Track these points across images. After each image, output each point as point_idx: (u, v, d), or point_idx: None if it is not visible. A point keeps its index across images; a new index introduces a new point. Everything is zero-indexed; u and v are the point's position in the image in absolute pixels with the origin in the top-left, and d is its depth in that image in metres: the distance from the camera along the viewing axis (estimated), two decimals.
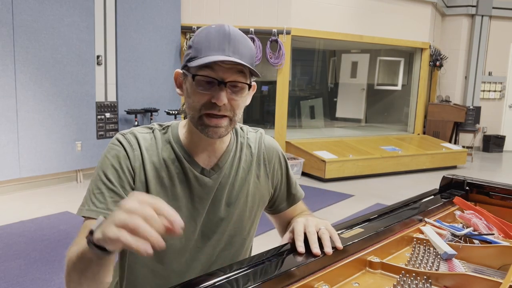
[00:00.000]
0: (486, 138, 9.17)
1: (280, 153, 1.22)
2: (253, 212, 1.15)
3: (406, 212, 1.31)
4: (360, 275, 1.02)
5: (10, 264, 3.02)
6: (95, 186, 1.00)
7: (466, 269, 1.04)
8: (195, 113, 0.98)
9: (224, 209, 1.10)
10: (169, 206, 0.70)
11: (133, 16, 5.69)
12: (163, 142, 1.06)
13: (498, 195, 1.51)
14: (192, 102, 0.98)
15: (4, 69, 4.54)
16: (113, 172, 1.00)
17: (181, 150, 1.06)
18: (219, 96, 0.94)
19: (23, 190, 4.87)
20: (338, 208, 4.76)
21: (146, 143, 1.05)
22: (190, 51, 0.99)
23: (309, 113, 9.32)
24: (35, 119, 4.84)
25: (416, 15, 7.84)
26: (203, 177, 1.06)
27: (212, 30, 0.98)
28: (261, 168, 1.17)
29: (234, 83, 0.96)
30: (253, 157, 1.16)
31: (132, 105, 5.77)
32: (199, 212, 1.07)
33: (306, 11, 6.64)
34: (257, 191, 1.16)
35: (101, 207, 0.97)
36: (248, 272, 0.85)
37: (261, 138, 1.19)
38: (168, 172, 1.04)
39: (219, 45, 0.95)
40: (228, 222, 1.10)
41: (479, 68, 9.04)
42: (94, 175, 1.02)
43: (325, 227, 0.99)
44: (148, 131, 1.08)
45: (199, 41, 0.97)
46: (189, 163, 1.05)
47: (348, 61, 9.73)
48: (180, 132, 1.08)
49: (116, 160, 1.01)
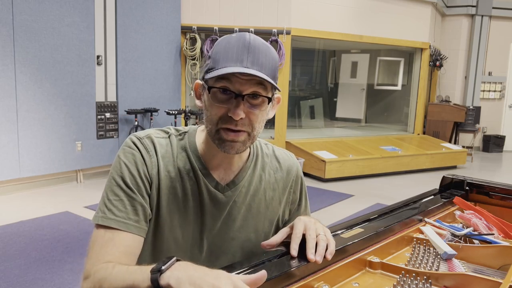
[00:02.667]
0: (486, 138, 9.18)
1: (304, 188, 1.18)
2: (267, 238, 1.07)
3: (406, 212, 1.31)
4: (360, 275, 1.02)
5: (10, 264, 3.02)
6: (111, 192, 0.94)
7: (466, 269, 1.04)
8: (212, 127, 0.93)
9: (237, 230, 1.04)
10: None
11: (133, 16, 5.68)
12: (179, 150, 1.01)
13: (498, 195, 1.51)
14: (209, 115, 0.93)
15: (4, 69, 4.54)
16: (131, 177, 0.95)
17: (197, 161, 1.00)
18: (236, 110, 0.89)
19: (23, 190, 4.87)
20: (338, 208, 4.76)
21: (162, 150, 0.99)
22: (209, 62, 0.93)
23: (309, 113, 9.33)
24: (35, 119, 4.84)
25: (416, 15, 7.84)
26: (216, 192, 1.01)
27: (232, 39, 0.93)
28: (285, 194, 1.12)
29: (252, 96, 0.91)
30: (278, 182, 1.10)
31: (132, 105, 5.76)
32: (208, 229, 1.02)
33: (306, 11, 6.64)
34: (275, 216, 1.10)
35: (121, 216, 0.92)
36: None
37: (294, 164, 1.14)
38: (182, 183, 0.99)
39: (238, 55, 0.90)
40: (238, 243, 1.05)
41: (479, 68, 9.04)
42: (109, 179, 0.96)
43: (324, 233, 0.94)
44: (164, 136, 1.02)
45: (218, 51, 0.92)
46: (204, 176, 1.00)
47: (348, 61, 9.73)
48: (197, 141, 1.03)
49: (133, 165, 0.95)
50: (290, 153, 1.18)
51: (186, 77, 6.43)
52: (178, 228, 1.00)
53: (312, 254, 0.89)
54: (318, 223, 0.99)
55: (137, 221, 0.93)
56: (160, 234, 0.99)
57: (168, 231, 0.99)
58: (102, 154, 5.50)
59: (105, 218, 0.91)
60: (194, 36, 6.33)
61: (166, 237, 0.99)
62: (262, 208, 1.07)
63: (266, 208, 1.08)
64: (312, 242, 0.91)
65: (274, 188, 1.09)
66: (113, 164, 0.98)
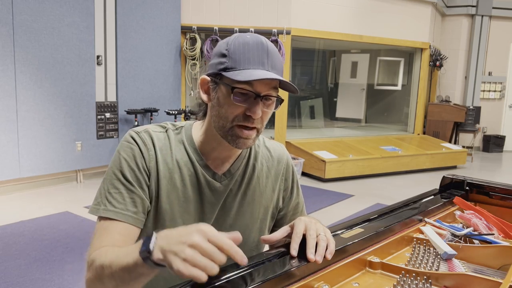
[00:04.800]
0: (486, 138, 9.18)
1: (296, 176, 1.23)
2: (264, 224, 1.15)
3: (406, 212, 1.31)
4: (360, 275, 1.02)
5: (10, 264, 3.02)
6: (111, 185, 0.99)
7: (466, 269, 1.04)
8: (226, 123, 0.97)
9: (234, 217, 1.09)
10: (229, 238, 0.75)
11: (133, 16, 5.69)
12: (176, 143, 1.06)
13: (498, 195, 1.51)
14: (224, 112, 0.97)
15: (4, 69, 4.54)
16: (130, 171, 0.99)
17: (194, 153, 1.05)
18: (256, 109, 0.95)
19: (23, 190, 4.87)
20: (338, 208, 4.76)
21: (160, 143, 1.04)
22: (226, 60, 0.96)
23: (309, 113, 9.33)
24: (35, 119, 4.84)
25: (416, 15, 7.84)
26: (214, 181, 1.06)
27: (249, 40, 0.96)
28: (278, 182, 1.17)
29: (268, 97, 0.97)
30: (270, 170, 1.16)
31: (132, 105, 5.77)
32: (208, 217, 1.06)
33: (306, 11, 6.64)
34: (270, 203, 1.15)
35: (120, 207, 0.97)
36: (248, 272, 0.85)
37: (285, 154, 1.20)
38: (181, 174, 1.04)
39: (259, 58, 0.95)
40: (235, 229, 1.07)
41: (479, 68, 9.04)
42: (108, 173, 1.01)
43: (324, 233, 0.96)
44: (162, 130, 1.07)
45: (236, 51, 0.95)
46: (201, 167, 1.05)
47: (348, 61, 9.73)
48: (194, 134, 1.07)
49: (132, 159, 1.00)
50: (280, 144, 1.24)
51: (186, 77, 6.43)
52: (179, 218, 1.04)
53: (312, 254, 0.90)
54: (319, 223, 1.01)
55: (135, 212, 0.98)
56: (161, 224, 1.03)
57: (169, 220, 1.03)
58: (102, 154, 5.50)
59: (106, 210, 0.97)
60: (194, 36, 6.33)
61: (167, 227, 1.01)
62: (257, 196, 1.12)
63: (260, 196, 1.13)
64: (312, 242, 0.92)
65: (267, 176, 1.15)
66: (113, 159, 1.03)
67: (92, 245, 0.94)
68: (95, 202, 0.99)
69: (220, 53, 0.98)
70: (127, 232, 0.97)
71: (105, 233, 0.95)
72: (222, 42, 1.00)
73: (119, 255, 0.83)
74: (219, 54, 0.98)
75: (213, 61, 0.99)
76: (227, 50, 0.96)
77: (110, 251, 0.87)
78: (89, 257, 0.91)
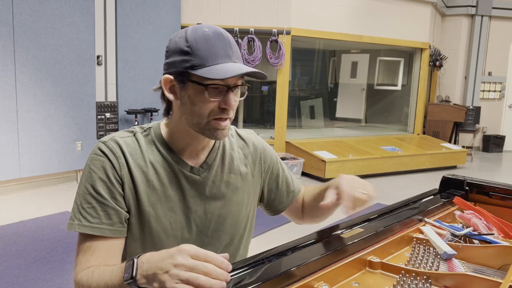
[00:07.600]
0: (486, 138, 9.17)
1: (275, 156, 1.26)
2: (248, 209, 1.17)
3: (406, 212, 1.31)
4: (360, 275, 1.02)
5: (10, 264, 3.02)
6: (84, 200, 0.98)
7: (466, 269, 1.04)
8: (201, 120, 0.97)
9: (221, 206, 1.10)
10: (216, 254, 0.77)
11: (133, 16, 5.68)
12: (147, 144, 1.05)
13: (498, 195, 1.51)
14: (198, 110, 0.96)
15: (4, 69, 4.54)
16: (102, 184, 0.98)
17: (167, 151, 1.05)
18: (229, 101, 0.96)
19: (23, 190, 4.87)
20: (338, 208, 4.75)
21: (129, 148, 1.02)
22: (190, 58, 0.94)
23: (309, 113, 9.32)
24: (35, 119, 4.84)
25: (416, 15, 7.84)
26: (192, 175, 1.06)
27: (209, 33, 0.95)
28: (256, 167, 1.19)
29: (236, 86, 0.98)
30: (247, 157, 1.18)
31: (132, 105, 5.77)
32: (193, 211, 1.07)
33: (306, 11, 6.64)
34: (252, 188, 1.18)
35: (95, 222, 0.97)
36: (248, 272, 0.85)
37: (256, 138, 1.24)
38: (157, 175, 1.03)
39: (224, 51, 0.95)
40: (224, 219, 1.11)
41: (479, 68, 9.04)
42: (80, 188, 1.00)
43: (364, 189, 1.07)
44: (129, 135, 1.06)
45: (200, 46, 0.93)
46: (177, 163, 1.05)
47: (348, 61, 9.73)
48: (164, 133, 1.07)
49: (102, 172, 0.99)
50: (250, 130, 1.27)
51: None
52: (163, 217, 1.04)
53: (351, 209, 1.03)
54: (357, 178, 1.11)
55: (110, 224, 0.98)
56: (147, 228, 1.03)
57: (154, 222, 1.03)
58: None
59: (81, 225, 0.97)
60: None
61: (154, 229, 1.03)
62: (239, 183, 1.14)
63: (242, 182, 1.15)
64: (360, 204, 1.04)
65: (245, 163, 1.17)
66: (83, 173, 1.03)
67: (77, 264, 0.96)
68: (70, 217, 0.99)
69: (181, 50, 0.95)
70: (110, 247, 0.97)
71: (89, 252, 0.95)
72: (178, 37, 0.97)
73: (104, 277, 0.86)
74: (180, 51, 0.96)
75: (174, 58, 0.97)
76: (188, 47, 0.94)
77: (96, 272, 0.89)
78: (76, 276, 0.93)
